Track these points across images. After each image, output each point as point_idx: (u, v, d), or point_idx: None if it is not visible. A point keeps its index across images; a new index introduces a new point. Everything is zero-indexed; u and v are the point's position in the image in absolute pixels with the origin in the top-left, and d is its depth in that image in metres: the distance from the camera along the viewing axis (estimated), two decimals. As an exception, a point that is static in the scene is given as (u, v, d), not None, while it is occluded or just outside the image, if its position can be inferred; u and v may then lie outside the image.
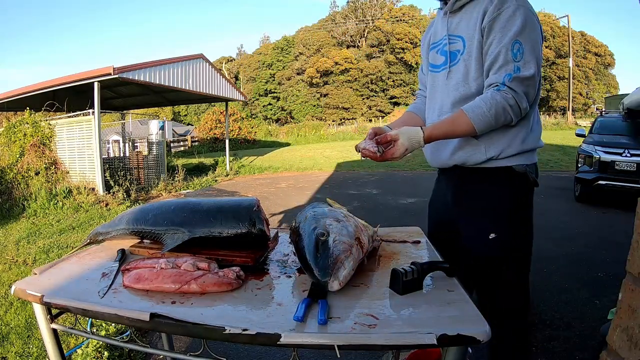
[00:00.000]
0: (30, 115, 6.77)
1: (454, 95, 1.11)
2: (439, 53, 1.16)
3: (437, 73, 1.17)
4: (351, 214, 1.02)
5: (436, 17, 1.23)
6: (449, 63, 1.12)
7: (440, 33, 1.16)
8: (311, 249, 0.84)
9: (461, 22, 1.10)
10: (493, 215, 1.11)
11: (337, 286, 0.78)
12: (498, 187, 1.11)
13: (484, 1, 1.05)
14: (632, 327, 0.61)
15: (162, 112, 26.69)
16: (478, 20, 1.05)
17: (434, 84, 1.19)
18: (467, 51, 1.08)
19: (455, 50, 1.11)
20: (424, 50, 1.28)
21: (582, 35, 35.58)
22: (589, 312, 2.27)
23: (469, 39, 1.07)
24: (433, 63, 1.20)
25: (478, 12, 1.05)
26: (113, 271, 0.92)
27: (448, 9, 1.11)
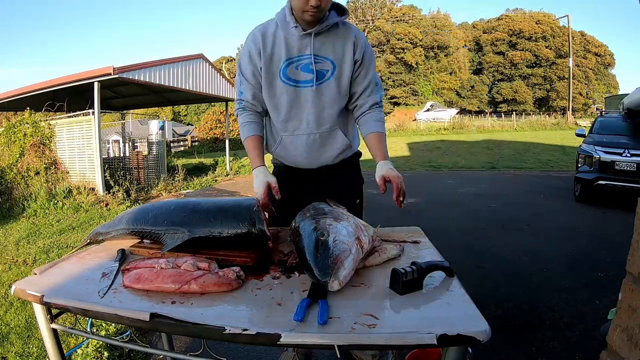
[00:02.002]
0: (30, 115, 6.77)
1: (334, 109, 1.31)
2: (301, 69, 1.27)
3: (302, 88, 1.28)
4: (351, 214, 1.02)
5: (278, 30, 1.27)
6: (317, 81, 1.27)
7: (301, 50, 1.26)
8: (311, 249, 0.84)
9: (324, 45, 1.26)
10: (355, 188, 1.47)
11: (337, 286, 0.78)
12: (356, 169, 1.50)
13: (348, 32, 1.28)
14: (632, 327, 0.61)
15: (162, 112, 26.69)
16: (348, 50, 1.27)
17: (296, 97, 1.29)
18: (338, 72, 1.28)
19: (324, 70, 1.27)
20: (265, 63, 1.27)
21: (582, 35, 35.57)
22: (589, 312, 2.27)
23: (338, 61, 1.28)
24: (294, 78, 1.28)
25: (345, 42, 1.27)
26: (113, 271, 0.92)
27: (314, 31, 1.23)
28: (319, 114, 1.30)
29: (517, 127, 21.46)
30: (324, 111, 1.30)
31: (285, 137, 1.35)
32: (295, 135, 1.33)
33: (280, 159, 1.44)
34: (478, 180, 7.70)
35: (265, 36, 1.27)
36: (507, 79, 36.31)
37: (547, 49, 34.66)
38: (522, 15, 37.19)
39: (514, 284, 2.72)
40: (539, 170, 9.26)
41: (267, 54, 1.27)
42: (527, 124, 22.39)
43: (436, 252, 1.03)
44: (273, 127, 1.38)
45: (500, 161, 10.79)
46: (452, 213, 4.98)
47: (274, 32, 1.27)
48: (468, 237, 3.89)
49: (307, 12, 1.17)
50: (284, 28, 1.26)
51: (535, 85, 35.48)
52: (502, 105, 35.74)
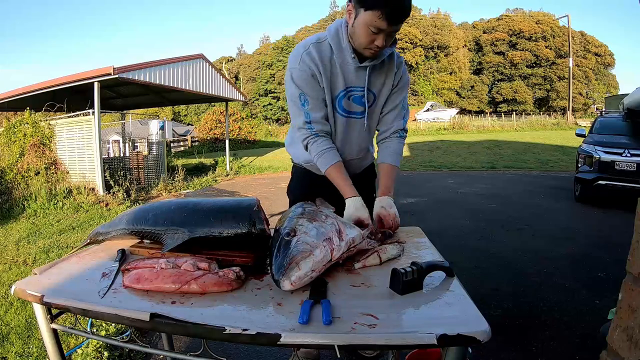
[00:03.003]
0: (30, 115, 6.77)
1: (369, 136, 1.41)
2: (354, 101, 1.29)
3: (352, 119, 1.33)
4: (335, 215, 1.02)
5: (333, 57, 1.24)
6: (364, 114, 1.31)
7: (356, 82, 1.27)
8: (274, 248, 0.85)
9: (374, 78, 1.29)
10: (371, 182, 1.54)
11: (288, 286, 0.78)
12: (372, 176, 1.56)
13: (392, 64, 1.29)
14: (632, 327, 0.61)
15: (162, 112, 26.69)
16: (389, 81, 1.30)
17: (348, 126, 1.34)
18: (376, 102, 1.33)
19: (368, 102, 1.31)
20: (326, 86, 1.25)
21: (582, 35, 35.59)
22: (589, 312, 2.27)
23: (378, 95, 1.31)
24: (347, 109, 1.30)
25: (387, 74, 1.29)
26: (113, 271, 0.92)
27: (370, 65, 1.23)
28: (361, 142, 1.39)
29: (517, 127, 21.48)
30: (365, 138, 1.39)
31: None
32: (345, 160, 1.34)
33: (312, 169, 1.47)
34: (478, 180, 7.70)
35: (323, 58, 1.23)
36: (507, 79, 36.33)
37: (547, 49, 34.68)
38: (522, 15, 37.21)
39: (514, 284, 2.72)
40: (539, 170, 9.26)
41: (328, 77, 1.24)
42: (527, 124, 22.42)
43: (436, 252, 1.03)
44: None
45: (500, 161, 10.79)
46: (452, 213, 4.98)
47: (330, 57, 1.23)
48: (468, 237, 3.89)
49: (369, 50, 1.16)
50: (340, 55, 1.23)
51: (535, 85, 35.50)
52: (502, 105, 35.76)
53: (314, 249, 0.83)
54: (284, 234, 0.87)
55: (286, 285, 0.78)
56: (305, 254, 0.82)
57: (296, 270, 0.79)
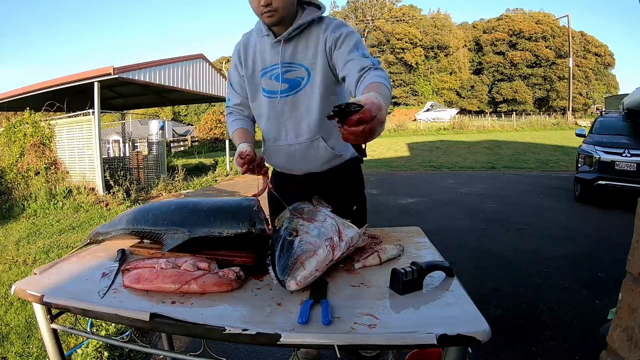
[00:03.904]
0: (30, 115, 6.77)
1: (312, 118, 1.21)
2: (276, 79, 1.21)
3: (276, 99, 1.22)
4: (333, 214, 1.02)
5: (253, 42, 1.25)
6: (291, 91, 1.20)
7: (273, 59, 1.20)
8: (277, 248, 0.85)
9: (297, 51, 1.18)
10: (352, 194, 1.41)
11: (294, 286, 0.78)
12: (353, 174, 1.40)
13: (318, 30, 1.16)
14: (632, 327, 0.61)
15: (162, 112, 26.67)
16: (320, 48, 1.15)
17: (273, 108, 1.24)
18: (313, 78, 1.17)
19: (298, 78, 1.19)
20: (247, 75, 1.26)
21: (582, 35, 35.59)
22: (589, 312, 2.27)
23: (312, 65, 1.17)
24: (267, 89, 1.24)
25: (317, 40, 1.15)
26: (113, 271, 0.92)
27: (283, 37, 1.16)
28: (297, 125, 1.24)
29: (517, 127, 21.48)
30: (302, 122, 1.23)
31: (269, 145, 1.33)
32: (277, 145, 1.30)
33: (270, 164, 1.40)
34: (478, 180, 7.70)
35: (247, 46, 1.26)
36: (507, 79, 36.34)
37: (547, 49, 34.69)
38: (522, 15, 37.22)
39: (514, 284, 2.72)
40: (539, 170, 9.26)
41: (249, 65, 1.25)
42: (527, 124, 22.42)
43: (436, 252, 1.03)
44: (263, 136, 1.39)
45: (500, 161, 10.79)
46: (452, 213, 4.98)
47: (254, 42, 1.25)
48: (468, 237, 3.89)
49: (264, 15, 1.11)
50: (259, 38, 1.23)
51: (535, 85, 35.51)
52: (502, 105, 35.77)
53: (317, 249, 0.84)
54: (286, 234, 0.87)
55: (292, 286, 0.78)
56: (309, 254, 0.82)
57: (301, 270, 0.79)
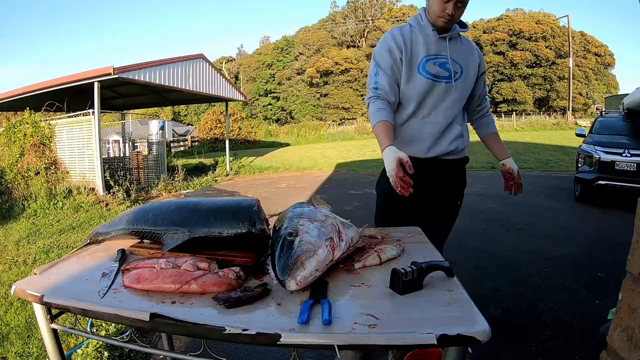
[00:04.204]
0: (30, 115, 6.77)
1: (458, 106, 1.48)
2: (439, 66, 1.43)
3: (437, 82, 1.43)
4: (332, 214, 1.02)
5: (414, 32, 1.45)
6: (450, 79, 1.43)
7: (439, 51, 1.43)
8: (277, 249, 0.85)
9: (455, 50, 1.45)
10: (460, 190, 1.66)
11: (294, 286, 0.78)
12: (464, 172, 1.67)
13: (470, 45, 1.51)
14: (632, 327, 0.61)
15: (162, 112, 26.67)
16: (472, 60, 1.49)
17: (431, 89, 1.43)
18: (464, 78, 1.46)
19: (456, 71, 1.44)
20: (406, 58, 1.42)
21: (582, 35, 35.57)
22: (589, 312, 2.27)
23: (466, 69, 1.47)
24: (432, 72, 1.42)
25: (469, 53, 1.49)
26: (113, 271, 0.92)
27: (449, 36, 1.43)
28: (448, 108, 1.45)
29: (517, 127, 21.47)
30: (452, 106, 1.46)
31: (413, 121, 1.46)
32: (423, 121, 1.46)
33: (400, 145, 1.41)
34: (478, 180, 7.69)
35: (404, 35, 1.43)
36: (507, 79, 36.31)
37: (547, 49, 34.66)
38: (522, 15, 37.19)
39: (514, 284, 2.72)
40: (539, 170, 9.26)
41: (408, 49, 1.41)
42: (527, 124, 22.41)
43: (436, 252, 1.03)
44: (400, 117, 1.48)
45: (500, 161, 10.77)
46: (452, 213, 4.97)
47: (410, 33, 1.44)
48: (468, 237, 3.89)
49: (442, 18, 1.36)
50: (421, 30, 1.43)
51: (535, 85, 35.48)
52: (502, 105, 35.73)
53: (317, 249, 0.84)
54: (286, 234, 0.87)
55: (292, 286, 0.78)
56: (310, 254, 0.82)
57: (301, 270, 0.79)
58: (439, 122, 1.45)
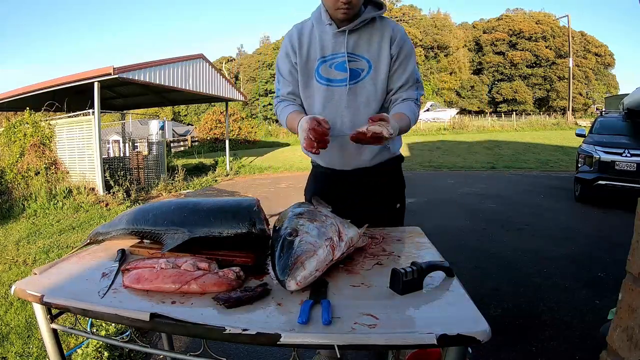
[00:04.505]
0: (30, 115, 6.77)
1: (368, 111, 1.24)
2: (336, 68, 1.23)
3: (335, 87, 1.24)
4: (332, 214, 1.02)
5: (313, 29, 1.26)
6: (351, 80, 1.23)
7: (335, 48, 1.23)
8: (277, 249, 0.85)
9: (360, 42, 1.22)
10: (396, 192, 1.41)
11: (294, 286, 0.78)
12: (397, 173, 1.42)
13: (385, 28, 1.23)
14: (632, 327, 0.61)
15: (162, 112, 26.69)
16: (385, 47, 1.22)
17: (330, 97, 1.25)
18: (373, 74, 1.23)
19: (358, 69, 1.23)
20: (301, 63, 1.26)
21: (582, 35, 35.59)
22: (589, 312, 2.27)
23: (376, 63, 1.23)
24: (326, 76, 1.25)
25: (382, 39, 1.22)
26: (113, 271, 0.92)
27: (348, 28, 1.20)
28: (354, 115, 1.25)
29: (517, 127, 21.47)
30: (359, 112, 1.24)
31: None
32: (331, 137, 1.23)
33: (314, 159, 1.40)
34: (478, 180, 7.70)
35: (301, 35, 1.27)
36: (507, 79, 36.33)
37: (547, 49, 34.68)
38: (522, 15, 37.21)
39: (514, 284, 2.72)
40: (539, 170, 9.26)
41: (303, 52, 1.26)
42: (527, 124, 22.40)
43: (436, 252, 1.03)
44: None
45: (500, 161, 10.79)
46: (452, 213, 4.98)
47: (310, 31, 1.26)
48: (468, 237, 3.89)
49: (339, 10, 1.16)
50: (319, 26, 1.24)
51: (535, 85, 35.50)
52: (502, 105, 35.75)
53: (317, 249, 0.84)
54: (285, 234, 0.88)
55: (292, 286, 0.78)
56: (310, 254, 0.82)
57: (301, 270, 0.79)
58: (346, 134, 1.20)
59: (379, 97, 1.26)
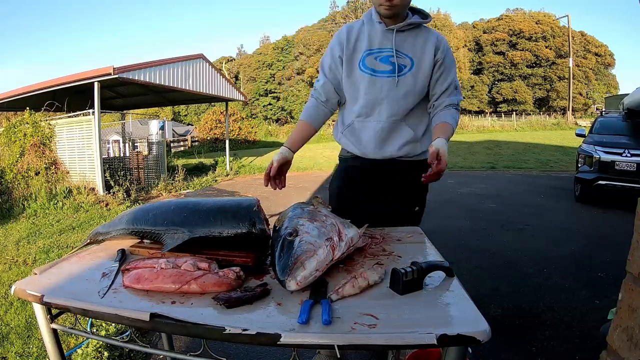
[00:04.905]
0: (30, 115, 6.76)
1: (406, 103, 1.36)
2: (381, 61, 1.35)
3: (379, 78, 1.35)
4: (332, 214, 1.02)
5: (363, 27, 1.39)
6: (397, 73, 1.34)
7: (382, 44, 1.35)
8: (277, 248, 0.85)
9: (406, 42, 1.35)
10: (418, 195, 1.49)
11: (295, 286, 0.78)
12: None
13: (430, 35, 1.36)
14: (632, 327, 0.61)
15: (162, 112, 26.68)
16: (428, 51, 1.34)
17: (372, 86, 1.36)
18: (415, 71, 1.34)
19: (402, 64, 1.34)
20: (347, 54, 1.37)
21: (582, 35, 35.58)
22: (589, 312, 2.27)
23: (418, 62, 1.35)
24: (371, 67, 1.36)
25: (426, 43, 1.34)
26: (113, 271, 0.92)
27: (396, 27, 1.33)
28: (392, 105, 1.36)
29: (517, 127, 21.48)
30: (397, 103, 1.35)
31: (356, 122, 1.41)
32: (365, 121, 1.39)
33: (347, 146, 1.47)
34: (478, 180, 7.70)
35: (350, 31, 1.39)
36: (507, 79, 36.31)
37: (547, 49, 34.67)
38: (522, 15, 37.20)
39: (514, 284, 2.72)
40: (539, 170, 9.26)
41: (350, 45, 1.37)
42: (527, 124, 22.42)
43: (436, 252, 1.03)
44: (345, 114, 1.46)
45: (500, 161, 10.79)
46: (452, 213, 4.98)
47: (359, 28, 1.39)
48: (468, 237, 3.89)
49: (382, 6, 1.29)
50: (369, 24, 1.37)
51: (535, 85, 35.49)
52: (502, 105, 35.75)
53: (317, 249, 0.84)
54: (286, 234, 0.88)
55: (292, 285, 0.78)
56: (310, 254, 0.82)
57: (301, 270, 0.79)
58: (381, 121, 1.37)
59: (418, 93, 1.36)
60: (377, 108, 1.37)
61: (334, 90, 1.43)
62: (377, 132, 1.38)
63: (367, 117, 1.39)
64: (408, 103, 1.36)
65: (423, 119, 1.42)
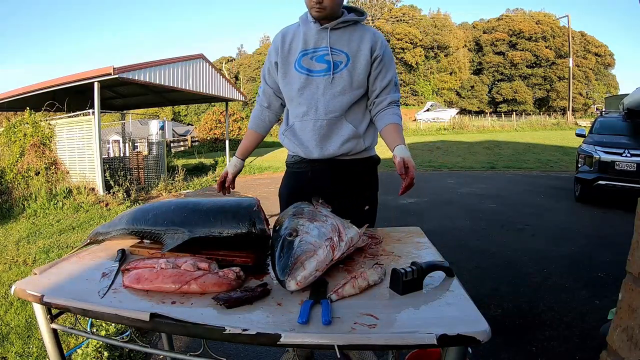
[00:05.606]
0: (30, 115, 6.76)
1: (343, 99, 1.35)
2: (317, 60, 1.36)
3: (314, 77, 1.35)
4: (332, 214, 1.02)
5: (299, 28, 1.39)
6: (332, 71, 1.34)
7: (317, 43, 1.35)
8: (277, 249, 0.85)
9: (340, 39, 1.35)
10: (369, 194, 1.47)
11: (294, 286, 0.78)
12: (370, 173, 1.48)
13: (366, 31, 1.37)
14: (632, 327, 0.61)
15: (162, 112, 26.68)
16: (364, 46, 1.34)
17: (308, 85, 1.36)
18: (351, 67, 1.34)
19: (338, 61, 1.34)
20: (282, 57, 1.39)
21: (582, 35, 35.59)
22: (589, 312, 2.27)
23: (354, 57, 1.35)
24: (307, 67, 1.36)
25: (362, 39, 1.35)
26: (113, 271, 0.92)
27: (330, 26, 1.33)
28: (328, 102, 1.35)
29: (517, 127, 21.48)
30: (334, 99, 1.35)
31: (295, 122, 1.41)
32: (304, 121, 1.39)
33: (289, 146, 1.47)
34: (478, 180, 7.69)
35: (285, 35, 1.41)
36: (507, 79, 36.33)
37: (547, 49, 34.69)
38: (522, 15, 37.22)
39: (514, 284, 2.72)
40: (539, 170, 9.26)
41: (285, 48, 1.39)
42: (527, 124, 22.42)
43: (436, 252, 1.03)
44: (288, 116, 1.47)
45: (500, 161, 10.79)
46: (452, 213, 4.98)
47: (295, 30, 1.40)
48: (468, 237, 3.89)
49: (313, 9, 1.29)
50: (305, 25, 1.38)
51: (535, 85, 35.51)
52: (502, 106, 35.76)
53: (317, 249, 0.84)
54: (285, 234, 0.88)
55: (292, 286, 0.78)
56: (310, 254, 0.82)
57: (301, 270, 0.79)
58: (320, 118, 1.35)
59: (355, 88, 1.36)
60: (314, 106, 1.36)
61: (274, 94, 1.47)
62: (316, 130, 1.36)
63: (304, 116, 1.38)
64: (346, 99, 1.36)
65: (365, 115, 1.42)
